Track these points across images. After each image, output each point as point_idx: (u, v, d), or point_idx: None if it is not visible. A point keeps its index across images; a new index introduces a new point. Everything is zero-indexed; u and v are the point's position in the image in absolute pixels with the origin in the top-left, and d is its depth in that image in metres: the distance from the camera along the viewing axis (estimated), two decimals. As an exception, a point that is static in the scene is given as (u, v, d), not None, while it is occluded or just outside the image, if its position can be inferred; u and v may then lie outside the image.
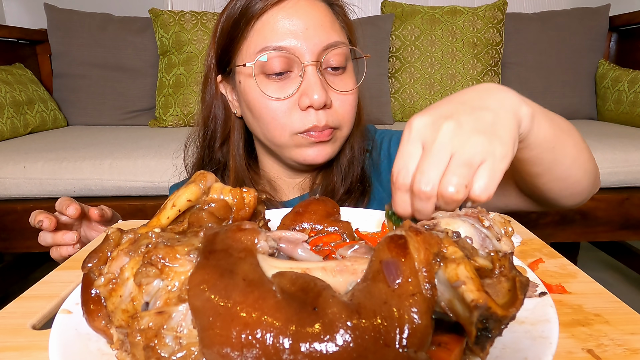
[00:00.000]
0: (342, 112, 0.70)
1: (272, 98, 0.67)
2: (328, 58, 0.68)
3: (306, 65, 0.66)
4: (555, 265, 0.49)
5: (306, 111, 0.67)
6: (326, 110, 0.68)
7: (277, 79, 0.67)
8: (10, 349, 0.36)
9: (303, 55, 0.66)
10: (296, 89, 0.67)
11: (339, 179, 0.76)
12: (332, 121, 0.69)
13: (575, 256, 2.10)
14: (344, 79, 0.71)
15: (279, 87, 0.67)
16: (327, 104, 0.67)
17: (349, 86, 0.71)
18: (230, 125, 0.78)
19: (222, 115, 0.78)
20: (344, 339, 0.24)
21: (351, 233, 0.48)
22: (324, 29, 0.68)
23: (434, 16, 1.98)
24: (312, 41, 0.66)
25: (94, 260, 0.33)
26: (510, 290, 0.28)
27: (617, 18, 2.01)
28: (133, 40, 2.02)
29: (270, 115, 0.68)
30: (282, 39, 0.66)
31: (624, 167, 1.40)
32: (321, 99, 0.65)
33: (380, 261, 0.28)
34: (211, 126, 0.79)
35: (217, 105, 0.78)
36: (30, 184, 1.38)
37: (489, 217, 0.38)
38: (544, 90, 1.98)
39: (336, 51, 0.68)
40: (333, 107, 0.69)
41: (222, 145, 0.79)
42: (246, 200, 0.39)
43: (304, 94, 0.66)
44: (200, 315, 0.25)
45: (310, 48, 0.66)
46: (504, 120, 0.42)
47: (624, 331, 0.36)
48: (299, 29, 0.66)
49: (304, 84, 0.67)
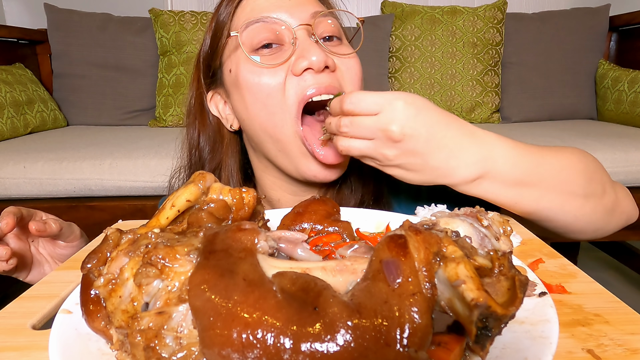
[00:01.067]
0: (351, 76, 0.64)
1: (263, 65, 0.61)
2: (320, 28, 0.63)
3: (297, 30, 0.61)
4: (555, 265, 0.49)
5: (301, 76, 0.60)
6: (329, 73, 0.61)
7: (267, 52, 0.62)
8: (10, 349, 0.36)
9: (292, 23, 0.62)
10: (289, 56, 0.61)
11: (350, 196, 0.70)
12: (339, 83, 0.62)
13: (575, 256, 2.10)
14: (342, 47, 0.65)
15: (271, 59, 0.62)
16: (330, 65, 0.61)
17: (349, 51, 0.66)
18: (223, 149, 0.73)
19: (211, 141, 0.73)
20: (344, 339, 0.24)
21: (351, 233, 0.48)
22: (310, 0, 0.64)
23: (434, 16, 1.98)
24: (298, 9, 0.62)
25: (93, 261, 0.32)
26: (509, 289, 0.28)
27: (617, 18, 2.02)
28: (133, 40, 2.02)
29: (264, 93, 0.61)
30: (265, 11, 0.62)
31: (624, 167, 1.40)
32: (320, 57, 0.59)
33: (380, 261, 0.28)
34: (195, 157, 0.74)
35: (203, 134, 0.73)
36: (30, 184, 1.38)
37: (488, 216, 0.39)
38: (544, 90, 1.98)
39: (327, 19, 0.63)
40: (338, 70, 0.63)
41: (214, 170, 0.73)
42: (245, 200, 0.39)
43: (299, 57, 0.60)
44: (201, 316, 0.25)
45: (298, 15, 0.62)
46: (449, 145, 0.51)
47: (624, 331, 0.36)
48: (283, 2, 0.62)
49: (298, 49, 0.61)
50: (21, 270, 0.68)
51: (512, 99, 2.00)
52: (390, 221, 0.55)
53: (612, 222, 0.61)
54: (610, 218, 0.61)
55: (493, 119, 1.98)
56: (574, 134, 1.58)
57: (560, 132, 1.64)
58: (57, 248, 0.70)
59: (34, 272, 0.70)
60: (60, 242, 0.70)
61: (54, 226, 0.65)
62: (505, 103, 2.00)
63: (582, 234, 0.61)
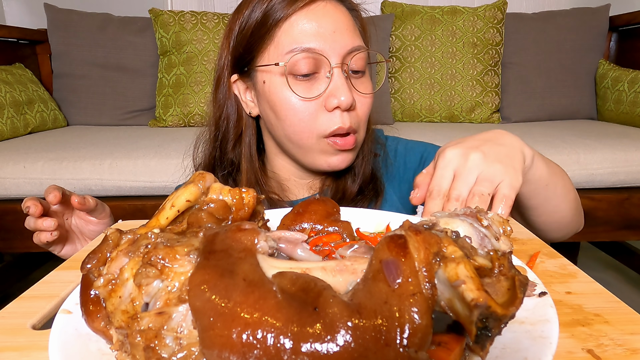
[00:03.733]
0: (361, 114, 0.72)
1: (301, 98, 0.68)
2: (352, 62, 0.69)
3: (334, 67, 0.68)
4: (555, 265, 0.49)
5: (332, 112, 0.69)
6: (350, 113, 0.70)
7: (303, 80, 0.68)
8: (10, 349, 0.36)
9: (330, 57, 0.68)
10: (323, 89, 0.68)
11: (350, 179, 0.78)
12: (354, 123, 0.70)
13: (575, 256, 2.10)
14: (364, 82, 0.73)
15: (306, 88, 0.69)
16: (353, 105, 0.69)
17: (368, 89, 0.73)
18: (243, 126, 0.78)
19: (235, 116, 0.78)
20: (344, 339, 0.24)
21: (351, 233, 0.48)
22: (349, 32, 0.70)
23: (434, 16, 1.98)
24: (339, 44, 0.68)
25: (93, 261, 0.32)
26: (509, 289, 0.28)
27: (617, 18, 2.01)
28: (133, 40, 2.02)
29: (297, 117, 0.69)
30: (311, 41, 0.67)
31: (624, 167, 1.40)
32: (348, 100, 0.67)
33: (380, 261, 0.28)
34: (223, 127, 0.79)
35: (229, 106, 0.78)
36: (30, 184, 1.38)
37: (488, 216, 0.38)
38: (544, 90, 1.98)
39: (359, 55, 0.70)
40: (355, 110, 0.71)
41: (235, 146, 0.79)
42: (245, 200, 0.39)
43: (331, 95, 0.68)
44: (201, 316, 0.25)
45: (337, 51, 0.68)
46: (515, 155, 0.55)
47: (624, 331, 0.36)
48: (327, 32, 0.67)
49: (331, 85, 0.68)
50: (57, 244, 0.76)
51: (512, 99, 2.00)
52: (390, 221, 0.55)
53: (577, 223, 0.74)
54: (578, 219, 0.73)
55: (493, 119, 1.98)
56: (574, 134, 1.58)
57: (560, 132, 1.64)
58: (89, 224, 0.78)
59: (67, 247, 0.78)
60: (92, 219, 0.77)
61: (92, 202, 0.74)
62: (505, 103, 2.00)
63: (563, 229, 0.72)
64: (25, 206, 0.70)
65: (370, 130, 0.80)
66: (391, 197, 0.80)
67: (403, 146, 0.85)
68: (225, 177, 0.79)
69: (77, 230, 0.78)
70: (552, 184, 0.64)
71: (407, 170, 0.82)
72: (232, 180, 0.80)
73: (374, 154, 0.82)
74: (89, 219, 0.77)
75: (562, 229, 0.72)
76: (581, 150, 1.41)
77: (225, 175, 0.79)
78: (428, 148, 0.84)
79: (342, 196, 0.77)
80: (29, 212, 0.69)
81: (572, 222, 0.72)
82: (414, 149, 0.84)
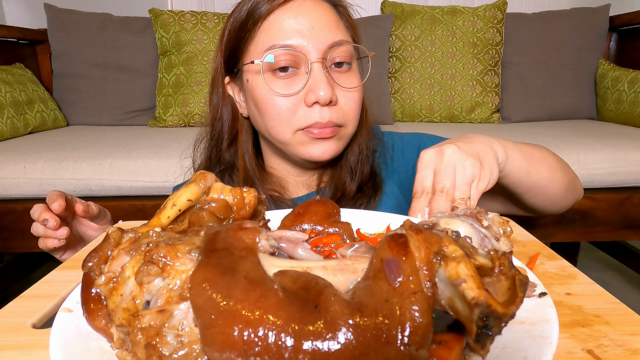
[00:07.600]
0: (348, 109, 0.72)
1: (279, 94, 0.69)
2: (333, 55, 0.69)
3: (312, 62, 0.68)
4: (555, 266, 0.49)
5: (311, 107, 0.69)
6: (331, 107, 0.70)
7: (283, 76, 0.69)
8: (11, 348, 0.36)
9: (309, 53, 0.68)
10: (303, 85, 0.69)
11: (348, 177, 0.78)
12: (337, 118, 0.70)
13: (575, 256, 2.10)
14: (349, 76, 0.72)
15: (286, 84, 0.69)
16: (333, 100, 0.69)
17: (354, 83, 0.72)
18: (238, 125, 0.80)
19: (230, 116, 0.79)
20: (346, 337, 0.24)
21: (351, 234, 0.48)
22: (329, 27, 0.69)
23: (434, 16, 1.99)
24: (318, 39, 0.68)
25: (95, 260, 0.33)
26: (509, 288, 0.28)
27: (617, 18, 2.02)
28: (133, 40, 2.02)
29: (275, 112, 0.70)
30: (289, 37, 0.68)
31: (624, 167, 1.40)
32: (327, 95, 0.67)
33: (382, 259, 0.28)
34: (218, 127, 0.80)
35: (224, 107, 0.79)
36: (30, 184, 1.38)
37: (488, 217, 0.39)
38: (544, 90, 1.98)
39: (342, 49, 0.70)
40: (338, 104, 0.71)
41: (230, 145, 0.80)
42: (246, 200, 0.39)
43: (310, 91, 0.68)
44: (202, 314, 0.25)
45: (317, 46, 0.68)
46: (487, 150, 0.60)
47: (624, 332, 0.37)
48: (305, 28, 0.68)
49: (310, 80, 0.68)
50: (60, 249, 0.76)
51: (512, 99, 2.00)
52: (391, 222, 0.55)
53: (574, 194, 0.78)
54: (572, 192, 0.77)
55: (493, 119, 1.98)
56: (574, 134, 1.58)
57: (560, 132, 1.64)
58: (90, 230, 0.79)
59: (69, 252, 0.78)
60: (93, 225, 0.78)
61: (95, 209, 0.76)
62: (505, 103, 2.00)
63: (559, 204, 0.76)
64: (42, 218, 0.70)
65: (368, 127, 0.80)
66: (392, 189, 0.81)
67: (399, 141, 0.86)
68: (223, 176, 0.80)
69: (78, 235, 0.79)
70: (534, 169, 0.67)
71: (407, 162, 0.84)
72: (230, 180, 0.80)
73: (373, 150, 0.82)
74: (90, 224, 0.78)
75: (558, 203, 0.76)
76: (581, 150, 1.41)
77: (222, 174, 0.80)
78: (423, 138, 0.85)
79: (342, 195, 0.77)
80: (47, 225, 0.70)
81: (566, 195, 0.75)
82: (410, 142, 0.86)
